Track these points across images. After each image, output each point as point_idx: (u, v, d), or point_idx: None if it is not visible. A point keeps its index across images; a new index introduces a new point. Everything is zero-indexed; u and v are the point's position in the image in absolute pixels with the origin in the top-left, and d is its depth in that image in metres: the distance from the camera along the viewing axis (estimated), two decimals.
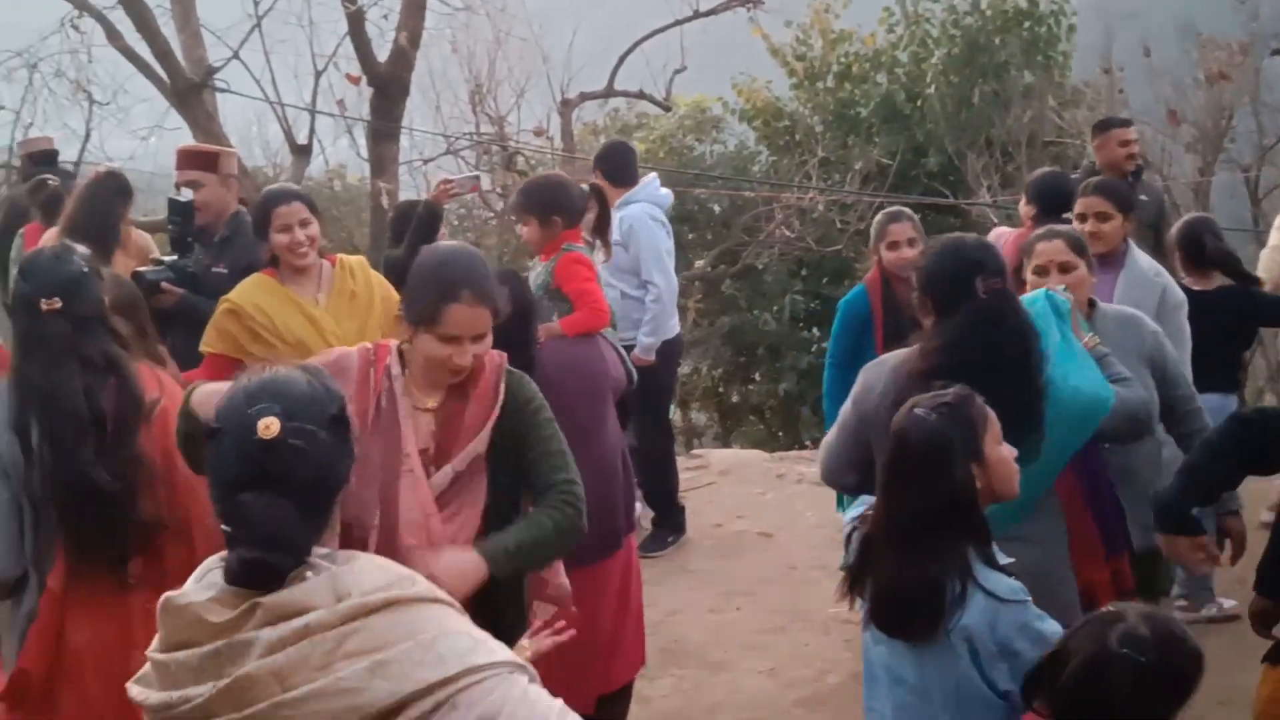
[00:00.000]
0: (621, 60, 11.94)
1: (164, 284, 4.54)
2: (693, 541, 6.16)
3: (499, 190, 12.14)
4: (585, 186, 4.78)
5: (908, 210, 5.22)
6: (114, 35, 10.73)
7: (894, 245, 4.89)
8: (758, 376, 13.76)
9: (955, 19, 13.86)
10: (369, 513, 2.59)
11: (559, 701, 1.72)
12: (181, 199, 4.85)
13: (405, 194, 10.31)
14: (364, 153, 12.07)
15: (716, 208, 13.68)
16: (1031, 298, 3.28)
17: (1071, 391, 3.03)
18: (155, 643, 1.69)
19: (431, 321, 2.61)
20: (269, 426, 1.71)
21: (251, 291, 4.04)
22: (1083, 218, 4.27)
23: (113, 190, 4.73)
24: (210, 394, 2.33)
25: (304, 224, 3.96)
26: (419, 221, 5.31)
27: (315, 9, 11.08)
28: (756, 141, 14.31)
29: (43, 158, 6.49)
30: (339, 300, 4.09)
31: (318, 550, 1.72)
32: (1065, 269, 3.53)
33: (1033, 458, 2.87)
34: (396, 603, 1.66)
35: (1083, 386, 3.06)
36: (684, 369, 5.09)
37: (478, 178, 6.04)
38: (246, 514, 1.68)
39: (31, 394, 2.87)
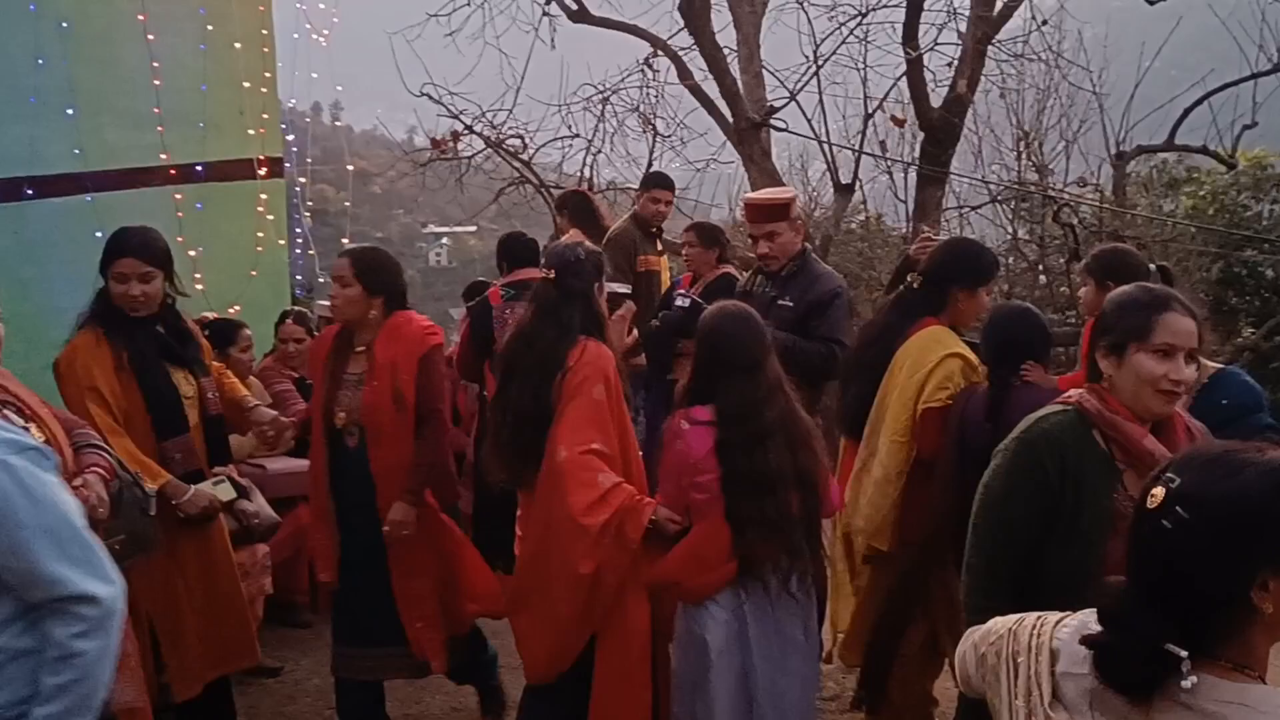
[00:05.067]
0: (1187, 113, 11.29)
1: None
2: None
3: (1036, 241, 11.89)
4: (1153, 267, 4.69)
5: None
6: (685, 74, 11.51)
7: None
8: None
9: None
10: None
11: None
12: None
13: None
14: (900, 193, 12.23)
15: (1269, 272, 12.65)
16: None
17: None
18: None
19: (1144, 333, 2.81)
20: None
21: None
22: None
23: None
24: None
25: None
26: (896, 274, 5.45)
27: (872, 53, 11.29)
28: None
29: None
30: None
31: None
32: None
33: None
34: None
35: None
36: None
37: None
38: None
39: None
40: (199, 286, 7.29)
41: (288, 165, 9.84)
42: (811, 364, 5.16)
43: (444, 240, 48.69)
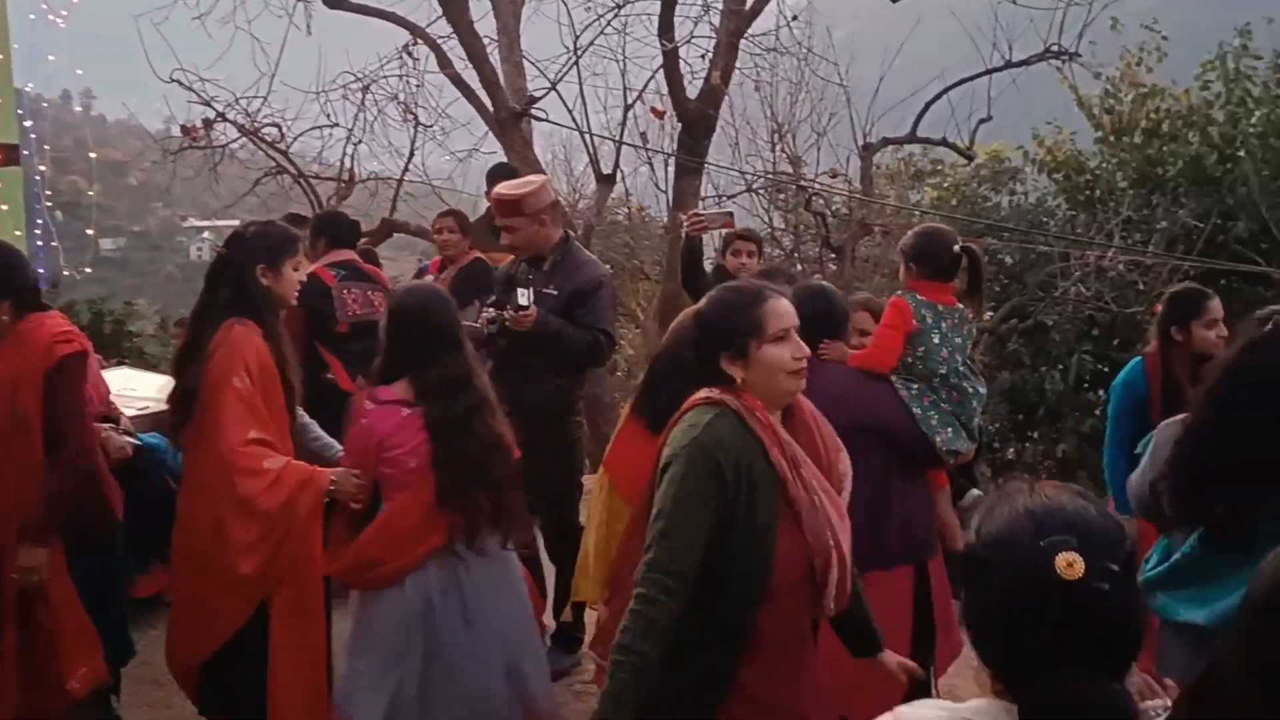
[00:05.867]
0: (927, 107, 11.89)
1: None
2: None
3: (791, 230, 12.29)
4: (957, 248, 4.89)
5: None
6: (445, 63, 11.41)
7: (1211, 324, 4.77)
8: (1035, 435, 13.41)
9: None
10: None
11: None
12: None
13: None
14: (661, 184, 12.47)
15: (1008, 259, 13.44)
16: None
17: None
18: None
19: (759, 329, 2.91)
20: (1072, 564, 1.48)
21: None
22: None
23: None
24: None
25: None
26: (683, 258, 5.66)
27: (630, 45, 11.47)
28: (1055, 195, 13.98)
29: None
30: None
31: None
32: None
33: None
34: None
35: None
36: None
37: (730, 214, 6.16)
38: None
39: None
40: None
41: (26, 153, 9.31)
42: (578, 351, 5.34)
43: (205, 234, 47.00)
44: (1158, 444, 3.33)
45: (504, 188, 5.62)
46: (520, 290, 5.25)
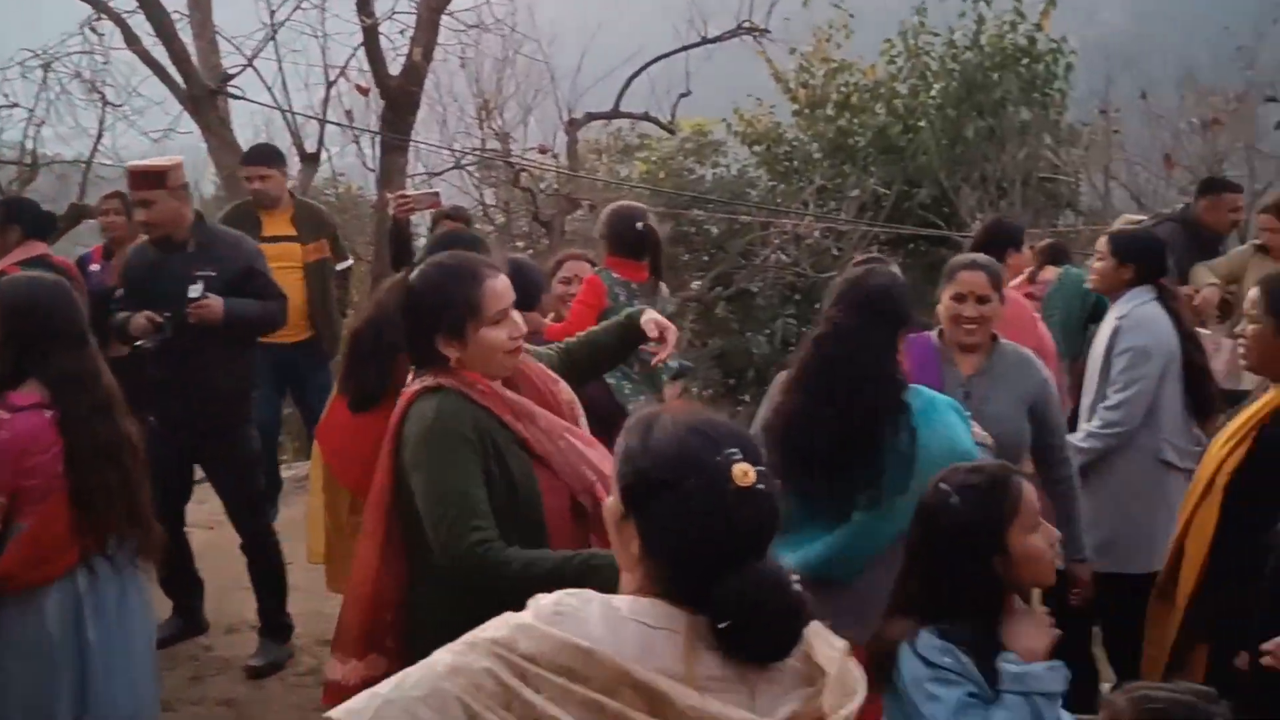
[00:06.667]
0: (628, 83, 12.16)
1: None
2: None
3: (501, 205, 12.35)
4: (640, 225, 5.03)
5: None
6: (132, 39, 10.88)
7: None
8: (746, 398, 13.94)
9: (954, 54, 14.11)
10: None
11: None
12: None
13: None
14: (370, 163, 12.29)
15: (714, 230, 13.89)
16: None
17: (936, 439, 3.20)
18: None
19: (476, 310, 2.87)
20: (746, 473, 1.64)
21: None
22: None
23: None
24: None
25: None
26: (391, 239, 5.62)
27: (330, 21, 11.25)
28: (756, 166, 14.54)
29: None
30: None
31: None
32: (983, 300, 3.78)
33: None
34: None
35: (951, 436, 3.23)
36: (675, 390, 5.26)
37: (437, 194, 6.23)
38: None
39: None
40: None
41: None
42: (276, 320, 5.52)
43: None
44: (770, 393, 3.63)
45: (147, 160, 5.47)
46: (191, 286, 5.13)
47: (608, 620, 1.63)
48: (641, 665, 1.57)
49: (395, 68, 10.57)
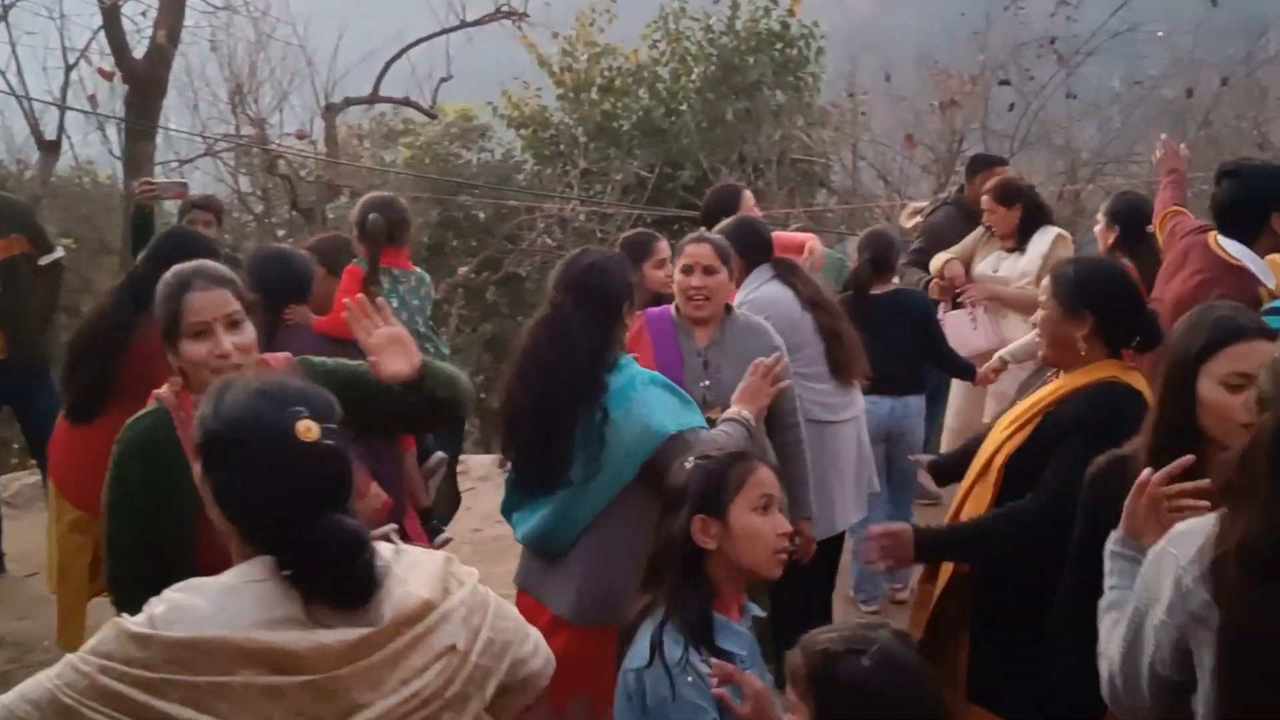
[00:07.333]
0: (387, 67, 12.01)
1: None
2: (451, 546, 6.33)
3: (259, 193, 12.05)
4: (373, 216, 4.93)
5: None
6: None
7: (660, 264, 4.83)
8: None
9: (712, 38, 14.47)
10: None
11: None
12: None
13: None
14: (116, 150, 11.79)
15: (481, 215, 13.88)
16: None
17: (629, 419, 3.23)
18: None
19: (177, 323, 2.63)
20: (309, 429, 1.74)
21: None
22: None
23: None
24: None
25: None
26: (134, 229, 5.44)
27: (68, 2, 10.72)
28: (522, 150, 14.58)
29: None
30: None
31: None
32: (709, 271, 3.95)
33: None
34: None
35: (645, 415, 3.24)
36: None
37: (185, 185, 6.06)
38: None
39: None
40: None
41: None
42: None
43: None
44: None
45: None
46: None
47: (216, 598, 1.71)
48: (266, 619, 1.68)
49: (139, 51, 10.18)
